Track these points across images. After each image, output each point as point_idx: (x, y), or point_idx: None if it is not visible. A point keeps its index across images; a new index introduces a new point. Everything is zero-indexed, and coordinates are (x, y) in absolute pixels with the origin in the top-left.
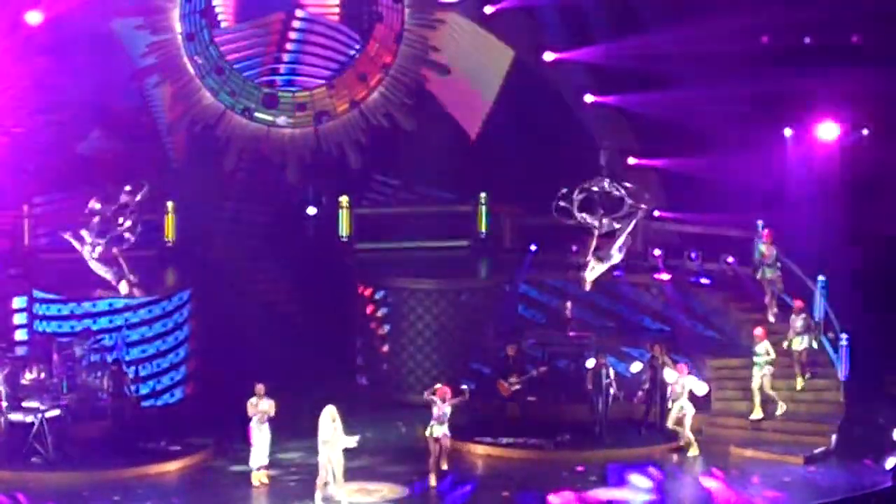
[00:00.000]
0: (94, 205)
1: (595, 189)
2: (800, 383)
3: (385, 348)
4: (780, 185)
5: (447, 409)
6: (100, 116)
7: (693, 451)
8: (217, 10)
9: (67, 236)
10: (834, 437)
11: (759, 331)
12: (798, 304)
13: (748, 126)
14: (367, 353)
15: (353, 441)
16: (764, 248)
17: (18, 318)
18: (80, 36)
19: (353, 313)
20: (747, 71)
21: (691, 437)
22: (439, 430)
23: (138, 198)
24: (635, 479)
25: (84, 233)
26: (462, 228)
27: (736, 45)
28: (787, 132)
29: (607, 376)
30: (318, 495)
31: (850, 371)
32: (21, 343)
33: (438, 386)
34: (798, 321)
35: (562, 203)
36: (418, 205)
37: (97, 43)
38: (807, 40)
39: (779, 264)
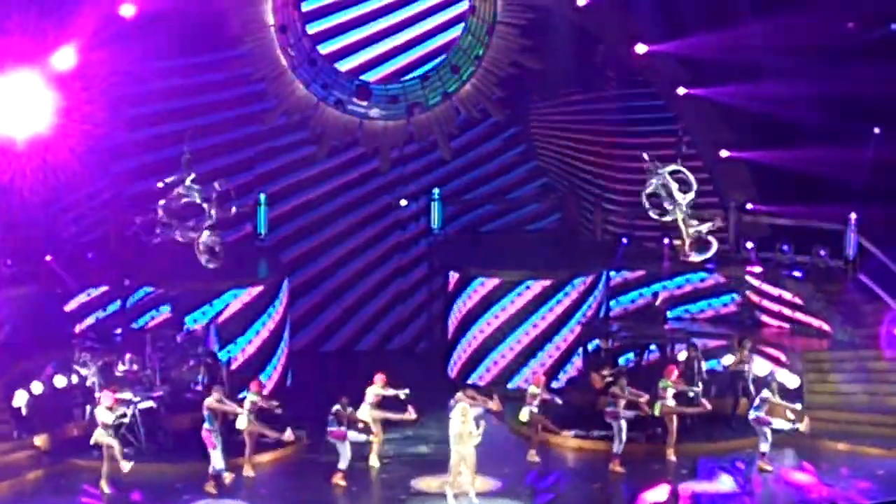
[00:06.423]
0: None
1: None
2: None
3: (477, 340)
4: (875, 179)
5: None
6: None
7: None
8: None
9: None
10: None
11: None
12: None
13: (839, 119)
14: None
15: (477, 436)
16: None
17: (111, 310)
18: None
19: (441, 305)
20: (839, 63)
21: None
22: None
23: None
24: (726, 472)
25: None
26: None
27: (828, 38)
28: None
29: (698, 369)
30: (449, 492)
31: None
32: (114, 334)
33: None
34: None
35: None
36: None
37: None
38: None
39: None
